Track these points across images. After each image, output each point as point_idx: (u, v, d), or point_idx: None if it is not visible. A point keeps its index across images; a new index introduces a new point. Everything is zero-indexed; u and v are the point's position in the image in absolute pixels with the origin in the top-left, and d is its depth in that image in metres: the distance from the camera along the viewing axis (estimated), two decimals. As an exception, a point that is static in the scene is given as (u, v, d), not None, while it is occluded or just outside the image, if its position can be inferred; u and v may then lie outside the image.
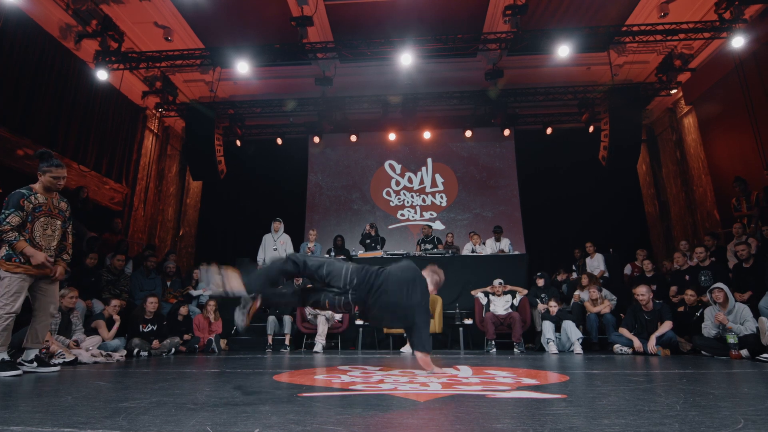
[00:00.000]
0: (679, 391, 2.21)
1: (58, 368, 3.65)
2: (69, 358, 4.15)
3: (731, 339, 4.50)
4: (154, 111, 10.08)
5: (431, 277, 3.17)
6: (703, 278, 5.98)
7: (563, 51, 7.85)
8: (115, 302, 5.41)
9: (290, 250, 7.81)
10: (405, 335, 6.06)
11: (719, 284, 4.91)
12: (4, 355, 3.23)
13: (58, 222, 3.52)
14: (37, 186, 3.43)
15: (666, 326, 5.08)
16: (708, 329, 4.89)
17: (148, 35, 8.63)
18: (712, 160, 8.93)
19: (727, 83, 8.13)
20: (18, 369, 3.22)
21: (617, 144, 9.08)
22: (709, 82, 8.69)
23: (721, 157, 8.71)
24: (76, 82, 7.76)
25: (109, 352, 4.84)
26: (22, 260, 3.28)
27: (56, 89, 7.36)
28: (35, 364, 3.47)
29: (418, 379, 2.74)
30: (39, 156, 3.42)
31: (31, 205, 3.34)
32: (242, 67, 8.21)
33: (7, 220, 3.21)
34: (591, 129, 10.24)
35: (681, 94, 9.63)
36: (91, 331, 5.09)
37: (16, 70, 6.61)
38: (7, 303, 3.24)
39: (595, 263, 7.70)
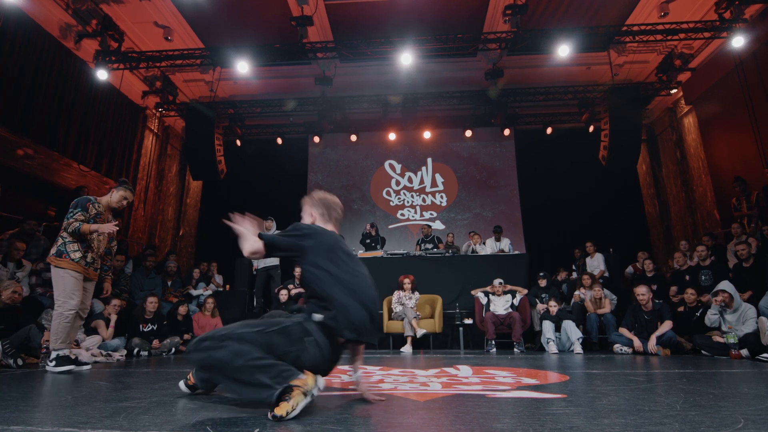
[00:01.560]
0: (679, 390, 2.21)
1: (89, 366, 3.73)
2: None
3: (731, 339, 4.50)
4: (154, 111, 10.08)
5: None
6: (703, 278, 5.98)
7: (563, 51, 7.84)
8: (115, 302, 5.40)
9: None
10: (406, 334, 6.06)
11: (723, 286, 4.88)
12: (61, 351, 3.37)
13: (106, 234, 3.80)
14: (103, 199, 3.80)
15: (666, 326, 5.07)
16: (710, 317, 4.90)
17: (148, 35, 8.62)
18: (712, 160, 8.93)
19: (727, 83, 8.13)
20: (71, 364, 3.40)
21: (617, 144, 9.07)
22: (710, 82, 8.69)
23: (721, 156, 8.70)
24: (76, 81, 7.75)
25: (109, 352, 4.85)
26: (74, 258, 3.47)
27: (56, 89, 7.34)
28: (54, 363, 3.50)
29: (418, 379, 2.74)
30: (121, 182, 3.90)
31: (95, 211, 3.67)
32: (242, 66, 8.21)
33: (75, 217, 3.52)
34: (591, 129, 10.23)
35: (681, 93, 9.62)
36: (91, 330, 5.09)
37: (16, 69, 6.60)
38: (65, 301, 3.40)
39: (595, 263, 7.70)
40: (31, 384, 2.74)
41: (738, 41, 7.30)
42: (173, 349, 5.72)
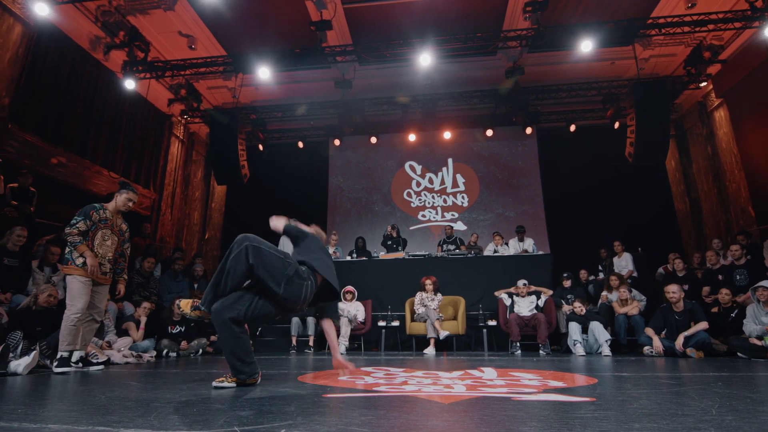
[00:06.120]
0: (714, 394, 2.13)
1: (101, 367, 3.94)
2: (102, 358, 4.29)
3: (769, 340, 4.32)
4: (179, 118, 10.35)
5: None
6: (738, 277, 5.75)
7: (586, 46, 7.67)
8: (146, 304, 5.58)
9: None
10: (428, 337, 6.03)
11: (764, 283, 4.71)
12: (65, 353, 3.61)
13: (116, 238, 4.03)
14: (109, 204, 4.00)
15: (700, 326, 4.89)
16: (749, 328, 4.71)
17: (172, 44, 8.87)
18: (745, 155, 8.58)
19: (760, 74, 7.81)
20: (71, 366, 3.64)
21: (644, 140, 8.81)
22: (741, 74, 8.36)
23: (755, 150, 8.35)
24: (105, 91, 8.03)
25: (140, 353, 4.99)
26: (78, 263, 3.66)
27: (86, 99, 7.63)
28: (80, 364, 3.79)
29: (442, 381, 2.73)
30: (122, 184, 4.06)
31: (99, 217, 3.86)
32: (263, 72, 8.34)
33: (77, 225, 3.69)
34: (616, 125, 9.98)
35: (711, 87, 9.30)
36: (122, 332, 5.26)
37: (50, 82, 6.88)
38: (71, 304, 3.64)
39: (623, 263, 7.50)
40: (67, 384, 2.84)
41: (771, 30, 7.01)
42: (200, 351, 5.85)
